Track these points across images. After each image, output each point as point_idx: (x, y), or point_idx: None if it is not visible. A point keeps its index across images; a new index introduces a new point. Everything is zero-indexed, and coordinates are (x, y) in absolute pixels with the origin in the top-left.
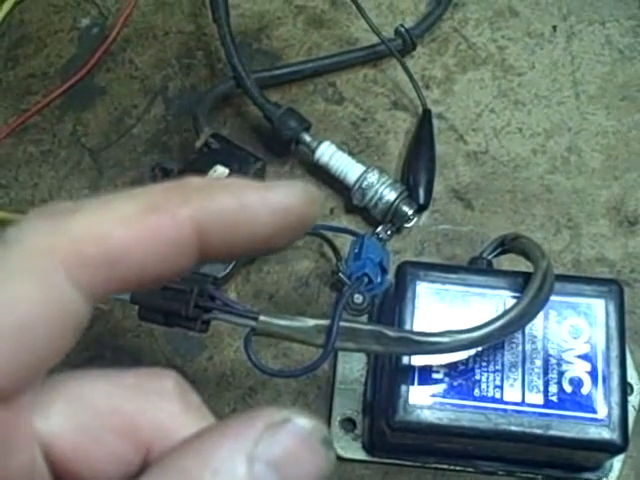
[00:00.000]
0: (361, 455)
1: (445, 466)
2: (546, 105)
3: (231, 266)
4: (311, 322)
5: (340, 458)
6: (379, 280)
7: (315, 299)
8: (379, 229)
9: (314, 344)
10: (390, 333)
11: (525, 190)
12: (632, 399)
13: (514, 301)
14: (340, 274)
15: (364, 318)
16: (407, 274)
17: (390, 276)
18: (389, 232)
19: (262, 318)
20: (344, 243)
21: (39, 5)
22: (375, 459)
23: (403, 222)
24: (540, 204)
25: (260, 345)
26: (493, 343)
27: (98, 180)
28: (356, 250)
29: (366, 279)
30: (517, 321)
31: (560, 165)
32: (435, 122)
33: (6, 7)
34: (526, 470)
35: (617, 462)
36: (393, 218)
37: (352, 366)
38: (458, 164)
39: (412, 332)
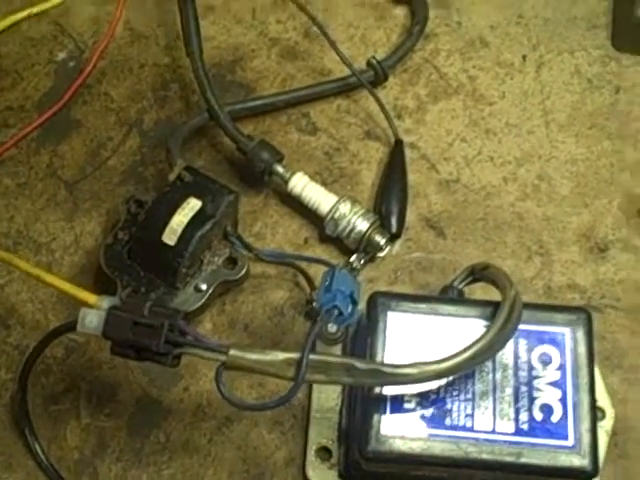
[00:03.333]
0: None
1: None
2: (516, 134)
3: (205, 297)
4: (281, 355)
5: None
6: (349, 312)
7: (290, 328)
8: (352, 258)
9: (285, 377)
10: (360, 365)
11: (496, 218)
12: (604, 424)
13: (484, 330)
14: (314, 304)
15: (338, 347)
16: (378, 304)
17: (361, 307)
18: (362, 261)
19: (232, 352)
20: (318, 272)
21: (16, 38)
22: None
23: (376, 251)
24: (511, 231)
25: (235, 374)
26: (463, 373)
27: (74, 212)
28: (327, 282)
29: (336, 311)
30: (486, 351)
31: (531, 193)
32: (407, 151)
33: None
34: None
35: None
36: (366, 247)
37: (327, 395)
38: (430, 193)
39: (382, 364)
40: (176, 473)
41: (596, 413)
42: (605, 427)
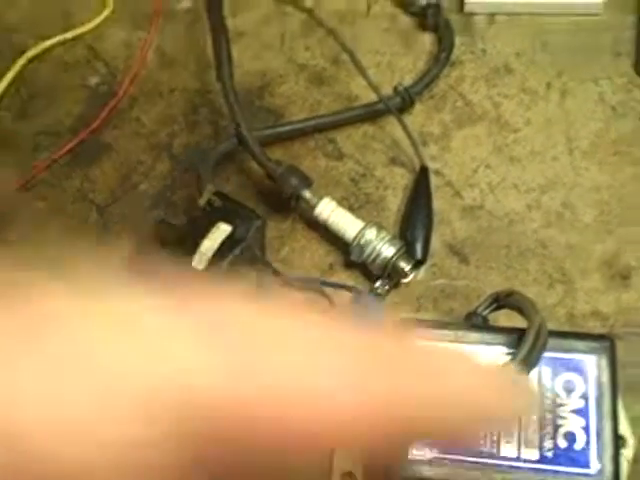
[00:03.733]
0: None
1: None
2: (540, 161)
3: None
4: None
5: None
6: None
7: None
8: (377, 284)
9: None
10: None
11: (520, 245)
12: (626, 452)
13: (509, 357)
14: None
15: None
16: None
17: None
18: (387, 287)
19: None
20: (343, 298)
21: (50, 63)
22: None
23: (401, 277)
24: (534, 259)
25: None
26: None
27: (105, 235)
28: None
29: None
30: None
31: (554, 220)
32: (432, 178)
33: (18, 64)
34: None
35: None
36: (391, 273)
37: None
38: (454, 219)
39: None
40: None
41: (619, 441)
42: (626, 455)
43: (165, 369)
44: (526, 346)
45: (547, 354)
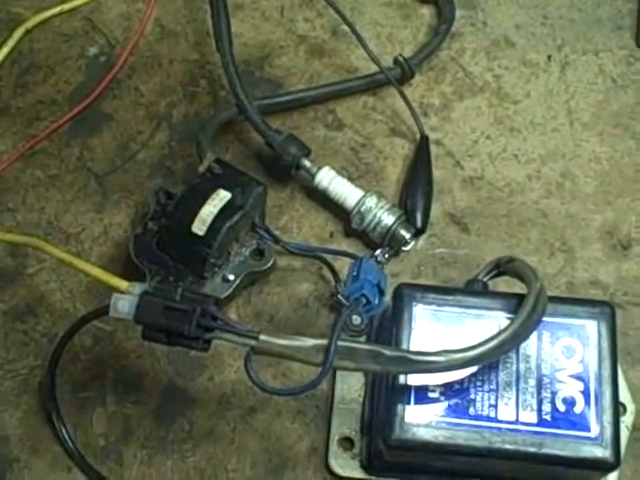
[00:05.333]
0: (359, 474)
1: None
2: (541, 132)
3: (232, 287)
4: (310, 341)
5: (338, 476)
6: (377, 301)
7: (314, 320)
8: (377, 252)
9: (313, 363)
10: (387, 352)
11: (520, 214)
12: (625, 419)
13: (508, 322)
14: (339, 296)
15: (362, 339)
16: (404, 296)
17: (387, 298)
18: (387, 255)
19: (262, 337)
20: (343, 266)
21: (48, 34)
22: (373, 478)
23: (401, 246)
24: (535, 228)
25: (260, 366)
26: (487, 363)
27: (103, 204)
28: (354, 272)
29: (364, 300)
30: (511, 341)
31: (555, 190)
32: (432, 148)
33: (16, 35)
34: None
35: None
36: (391, 242)
37: (350, 386)
38: (455, 189)
39: (408, 351)
40: (200, 460)
41: (619, 406)
42: (626, 422)
43: None
44: (525, 310)
45: (547, 319)
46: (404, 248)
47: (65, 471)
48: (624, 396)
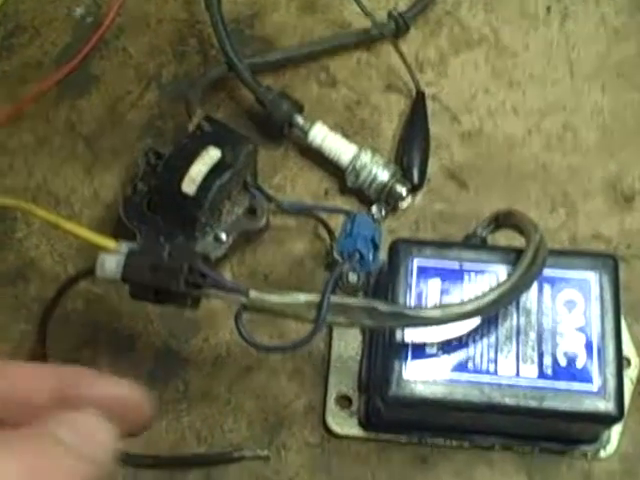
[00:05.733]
0: (357, 432)
1: (442, 441)
2: (541, 85)
3: (225, 247)
4: (302, 297)
5: (336, 435)
6: (371, 257)
7: (310, 280)
8: (373, 209)
9: (305, 319)
10: (382, 308)
11: (520, 169)
12: (630, 372)
13: (509, 274)
14: (334, 254)
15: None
16: (400, 251)
17: (383, 254)
18: (384, 212)
19: (253, 294)
20: (338, 224)
21: None
22: (371, 435)
23: (397, 202)
24: (535, 182)
25: (255, 325)
26: (486, 316)
27: (93, 166)
28: (348, 227)
29: (358, 255)
30: (510, 294)
31: (555, 144)
32: (429, 103)
33: None
34: (523, 444)
35: (615, 434)
36: (387, 198)
37: (348, 343)
38: (453, 144)
39: (404, 306)
40: (195, 421)
41: (622, 358)
42: (630, 375)
43: None
44: (525, 262)
45: (548, 272)
46: (401, 204)
47: None
48: (628, 350)
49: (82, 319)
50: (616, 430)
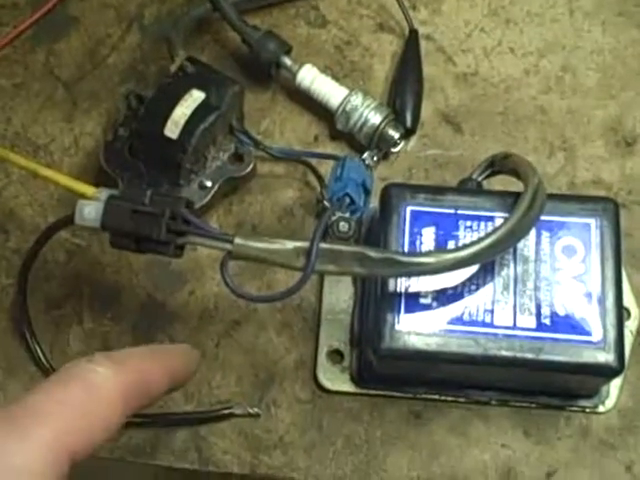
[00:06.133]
0: (349, 387)
1: (436, 396)
2: (539, 23)
3: (210, 194)
4: (290, 244)
5: (327, 390)
6: (362, 202)
7: (300, 229)
8: (365, 155)
9: (294, 267)
10: (373, 254)
11: (517, 112)
12: (629, 324)
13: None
14: (324, 201)
15: None
16: (393, 197)
17: (375, 201)
18: (375, 158)
19: (238, 241)
20: (329, 170)
21: None
22: (364, 391)
23: (390, 147)
24: (533, 126)
25: (242, 277)
26: (482, 263)
27: (73, 112)
28: (338, 171)
29: (348, 200)
30: (506, 239)
31: (554, 85)
32: (423, 43)
33: None
34: (520, 399)
35: (614, 388)
36: (379, 143)
37: (339, 296)
38: (447, 86)
39: (396, 252)
40: None
41: (622, 308)
42: (630, 327)
43: None
44: (522, 206)
45: (546, 217)
46: (393, 149)
47: None
48: (628, 300)
49: (64, 271)
50: (615, 384)
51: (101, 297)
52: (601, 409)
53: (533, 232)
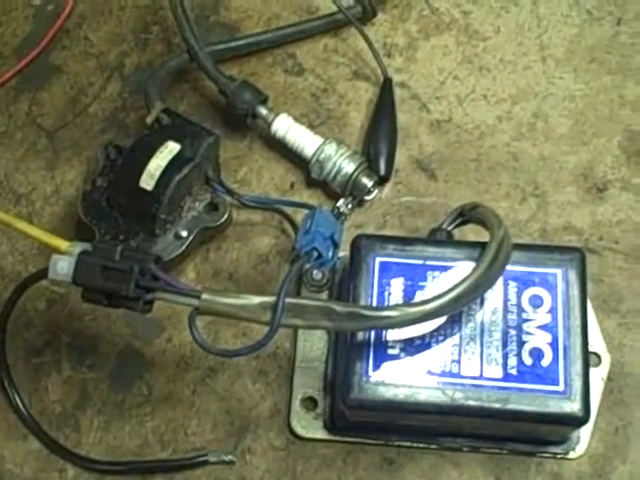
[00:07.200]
0: (323, 434)
1: (408, 443)
2: (512, 70)
3: (185, 245)
4: (256, 299)
5: (301, 437)
6: (330, 255)
7: (276, 276)
8: (340, 202)
9: (260, 321)
10: (338, 308)
11: (490, 158)
12: (600, 370)
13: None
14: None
15: (324, 295)
16: (362, 248)
17: (346, 250)
18: (350, 206)
19: (205, 296)
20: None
21: None
22: (337, 438)
23: (364, 195)
24: (506, 172)
25: (220, 324)
26: (448, 315)
27: (54, 160)
28: (307, 224)
29: (315, 253)
30: (471, 292)
31: (526, 132)
32: (397, 91)
33: None
34: (491, 445)
35: (585, 434)
36: (353, 191)
37: (313, 344)
38: (421, 134)
39: (361, 307)
40: (159, 425)
41: (588, 357)
42: (600, 373)
43: None
44: (486, 259)
45: (513, 267)
46: (367, 197)
47: (21, 439)
48: (599, 346)
49: (43, 320)
50: (586, 430)
51: (79, 345)
52: (572, 455)
53: (500, 282)
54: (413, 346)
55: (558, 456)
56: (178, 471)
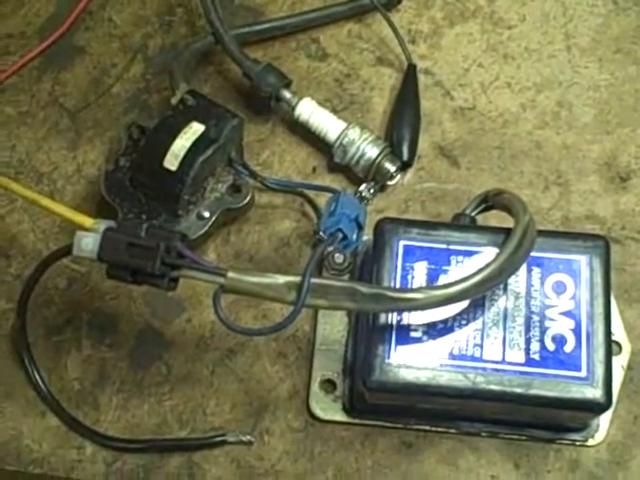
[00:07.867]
0: (341, 417)
1: (427, 427)
2: (536, 59)
3: (208, 225)
4: (282, 279)
5: (320, 419)
6: (354, 237)
7: (296, 259)
8: (362, 187)
9: (285, 301)
10: (363, 290)
11: (513, 146)
12: (620, 358)
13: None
14: (320, 232)
15: (346, 278)
16: (386, 231)
17: (368, 234)
18: (372, 190)
19: (231, 275)
20: (326, 202)
21: None
22: (356, 421)
23: (386, 180)
24: (529, 160)
25: (239, 306)
26: (471, 299)
27: (76, 140)
28: (332, 206)
29: (340, 235)
30: (495, 277)
31: (550, 120)
32: (421, 78)
33: None
34: (510, 431)
35: (604, 422)
36: (376, 176)
37: (333, 326)
38: (444, 120)
39: (386, 288)
40: (178, 404)
41: (611, 345)
42: (621, 361)
43: None
44: (512, 244)
45: (537, 254)
46: (390, 182)
47: (39, 416)
48: (620, 335)
49: (64, 298)
50: (605, 418)
51: (100, 324)
52: (591, 443)
53: (524, 268)
54: (436, 329)
55: (577, 443)
56: (196, 450)
